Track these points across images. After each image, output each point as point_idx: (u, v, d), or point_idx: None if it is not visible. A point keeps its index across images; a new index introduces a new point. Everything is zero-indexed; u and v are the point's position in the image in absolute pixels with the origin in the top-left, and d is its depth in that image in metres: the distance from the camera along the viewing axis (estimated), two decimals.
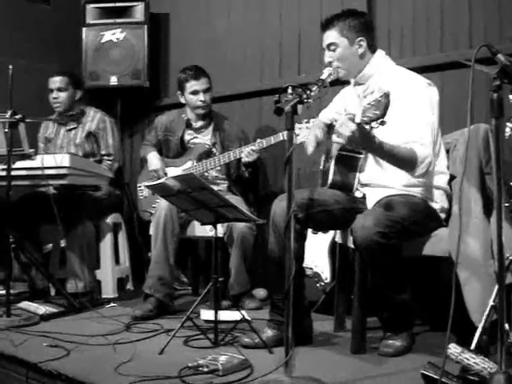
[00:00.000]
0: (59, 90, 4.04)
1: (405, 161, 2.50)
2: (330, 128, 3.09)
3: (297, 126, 3.28)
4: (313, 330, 2.81)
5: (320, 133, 2.98)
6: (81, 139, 4.04)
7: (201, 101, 3.83)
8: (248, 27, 4.42)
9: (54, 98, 4.05)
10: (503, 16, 3.22)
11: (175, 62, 4.84)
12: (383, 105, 2.15)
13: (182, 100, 3.93)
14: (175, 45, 4.94)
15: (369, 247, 2.43)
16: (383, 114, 2.15)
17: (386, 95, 2.17)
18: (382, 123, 2.17)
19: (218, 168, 3.87)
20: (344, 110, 2.87)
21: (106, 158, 4.05)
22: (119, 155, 4.13)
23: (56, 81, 4.05)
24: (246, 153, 3.59)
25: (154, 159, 3.94)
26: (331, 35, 2.75)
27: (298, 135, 3.08)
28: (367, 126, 2.22)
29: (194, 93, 3.84)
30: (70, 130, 4.10)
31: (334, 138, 2.41)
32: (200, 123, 3.95)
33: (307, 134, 3.16)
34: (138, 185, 4.08)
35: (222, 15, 4.58)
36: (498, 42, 3.12)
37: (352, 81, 2.86)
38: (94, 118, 4.10)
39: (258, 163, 3.80)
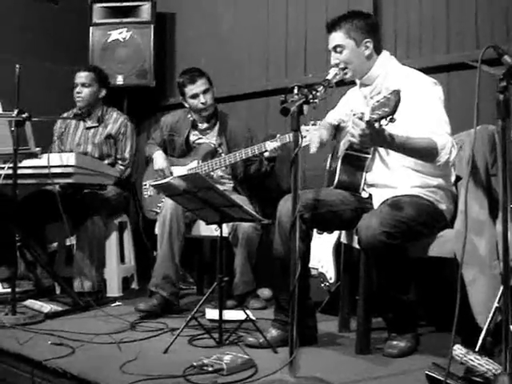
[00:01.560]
0: (83, 85, 4.05)
1: (425, 150, 2.47)
2: (337, 129, 3.08)
3: (304, 127, 3.28)
4: (317, 330, 2.81)
5: (325, 133, 2.98)
6: (100, 140, 4.05)
7: (202, 103, 3.82)
8: (254, 27, 4.42)
9: (77, 93, 4.06)
10: (510, 17, 3.21)
11: (181, 61, 4.85)
12: (393, 102, 2.14)
13: (186, 104, 3.92)
14: (181, 44, 4.95)
15: (374, 247, 2.43)
16: (393, 112, 2.14)
17: (397, 93, 2.16)
18: (392, 120, 2.16)
19: (224, 168, 3.87)
20: (351, 110, 2.87)
21: (120, 162, 4.07)
22: (133, 162, 4.14)
23: (81, 76, 4.06)
24: (272, 149, 3.52)
25: (159, 158, 3.94)
26: (337, 37, 2.74)
27: (305, 137, 3.07)
28: (376, 124, 2.22)
29: (194, 96, 3.82)
30: (90, 128, 4.11)
31: (348, 137, 2.41)
32: (206, 125, 3.94)
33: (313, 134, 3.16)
34: (143, 183, 4.09)
35: (228, 15, 4.59)
36: (505, 43, 3.11)
37: (358, 82, 2.86)
38: (116, 120, 4.12)
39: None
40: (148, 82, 4.68)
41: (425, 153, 2.49)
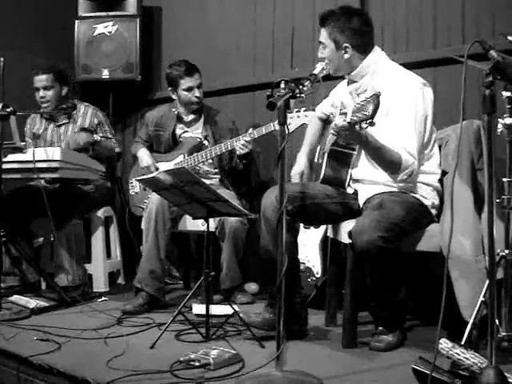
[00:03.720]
0: (45, 88, 3.96)
1: (391, 163, 2.54)
2: (326, 122, 3.09)
3: (288, 115, 3.28)
4: (308, 322, 2.81)
5: (302, 162, 3.01)
6: (72, 135, 4.02)
7: (196, 97, 3.81)
8: (241, 21, 4.40)
9: (42, 97, 3.97)
10: (496, 12, 3.22)
11: (167, 55, 4.83)
12: (372, 106, 2.18)
13: (174, 96, 3.90)
14: (167, 38, 4.92)
15: (369, 251, 2.42)
16: (372, 116, 2.19)
17: (376, 96, 2.19)
18: (371, 124, 2.21)
19: (210, 161, 3.86)
20: (341, 103, 2.87)
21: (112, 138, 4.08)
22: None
23: (42, 79, 3.96)
24: (240, 145, 3.58)
25: (144, 156, 3.93)
26: (322, 34, 2.76)
27: (289, 124, 3.07)
28: (357, 126, 2.25)
29: (189, 89, 3.81)
30: (60, 125, 4.06)
31: (331, 131, 2.45)
32: (191, 117, 3.94)
33: (298, 122, 3.18)
34: (130, 180, 4.07)
35: (215, 9, 4.57)
36: (491, 38, 3.12)
37: (346, 77, 2.86)
38: (85, 113, 4.05)
39: (253, 154, 3.79)
40: (134, 76, 4.65)
41: (388, 165, 2.57)
